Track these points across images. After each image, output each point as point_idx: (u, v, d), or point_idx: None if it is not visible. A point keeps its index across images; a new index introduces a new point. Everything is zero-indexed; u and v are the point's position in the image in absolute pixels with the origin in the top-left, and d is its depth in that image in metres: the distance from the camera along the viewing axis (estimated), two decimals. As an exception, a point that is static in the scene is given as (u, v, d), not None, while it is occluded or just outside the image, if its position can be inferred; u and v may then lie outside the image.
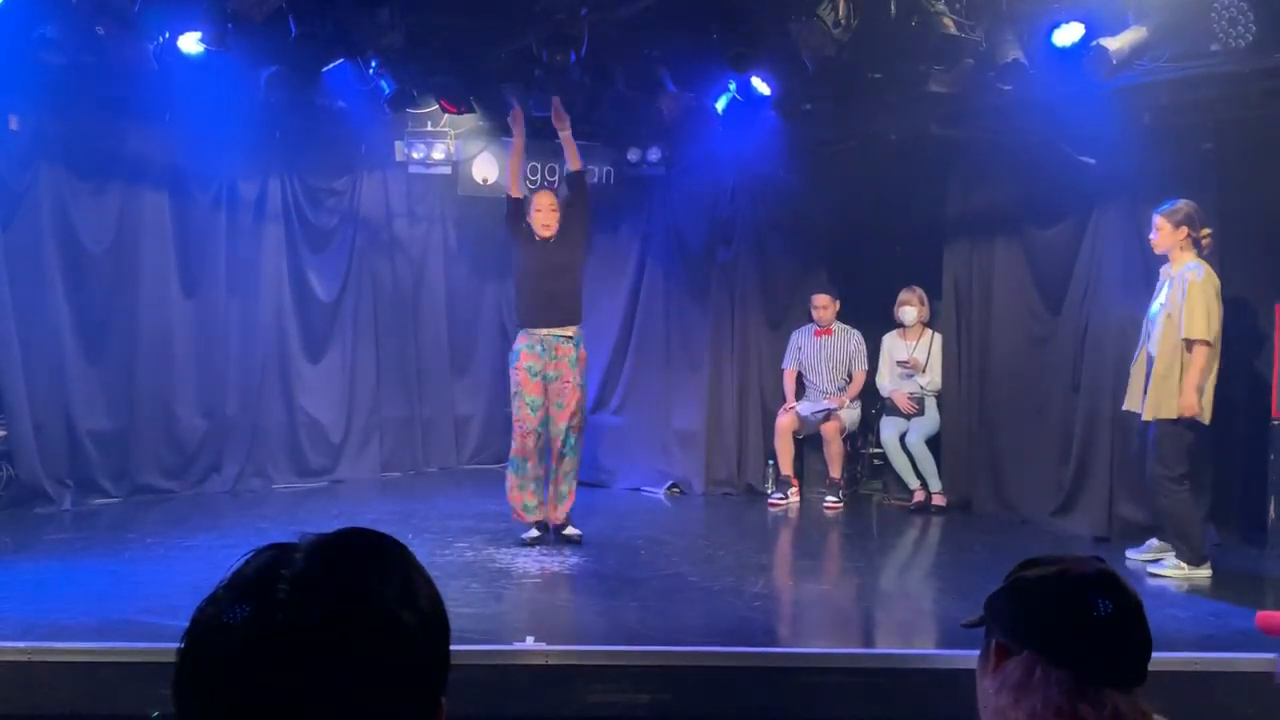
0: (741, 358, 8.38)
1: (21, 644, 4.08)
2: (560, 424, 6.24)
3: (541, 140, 8.36)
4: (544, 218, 6.31)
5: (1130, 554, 6.02)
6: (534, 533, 6.26)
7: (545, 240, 6.32)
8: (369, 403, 8.55)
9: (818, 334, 8.13)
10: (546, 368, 6.24)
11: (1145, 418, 5.69)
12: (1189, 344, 5.57)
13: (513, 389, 6.33)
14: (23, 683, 3.97)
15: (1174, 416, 5.57)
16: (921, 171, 7.73)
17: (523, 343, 6.29)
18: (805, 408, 7.98)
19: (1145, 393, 5.74)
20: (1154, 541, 5.98)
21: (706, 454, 8.27)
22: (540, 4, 6.28)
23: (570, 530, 6.33)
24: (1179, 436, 5.59)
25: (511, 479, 6.29)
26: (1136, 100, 6.20)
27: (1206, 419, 5.63)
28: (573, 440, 6.28)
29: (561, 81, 6.80)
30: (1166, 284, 5.77)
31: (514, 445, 6.29)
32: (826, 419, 7.88)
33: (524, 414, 6.23)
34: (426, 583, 1.00)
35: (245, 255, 7.92)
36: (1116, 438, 6.51)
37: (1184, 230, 5.69)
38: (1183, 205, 5.72)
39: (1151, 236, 5.81)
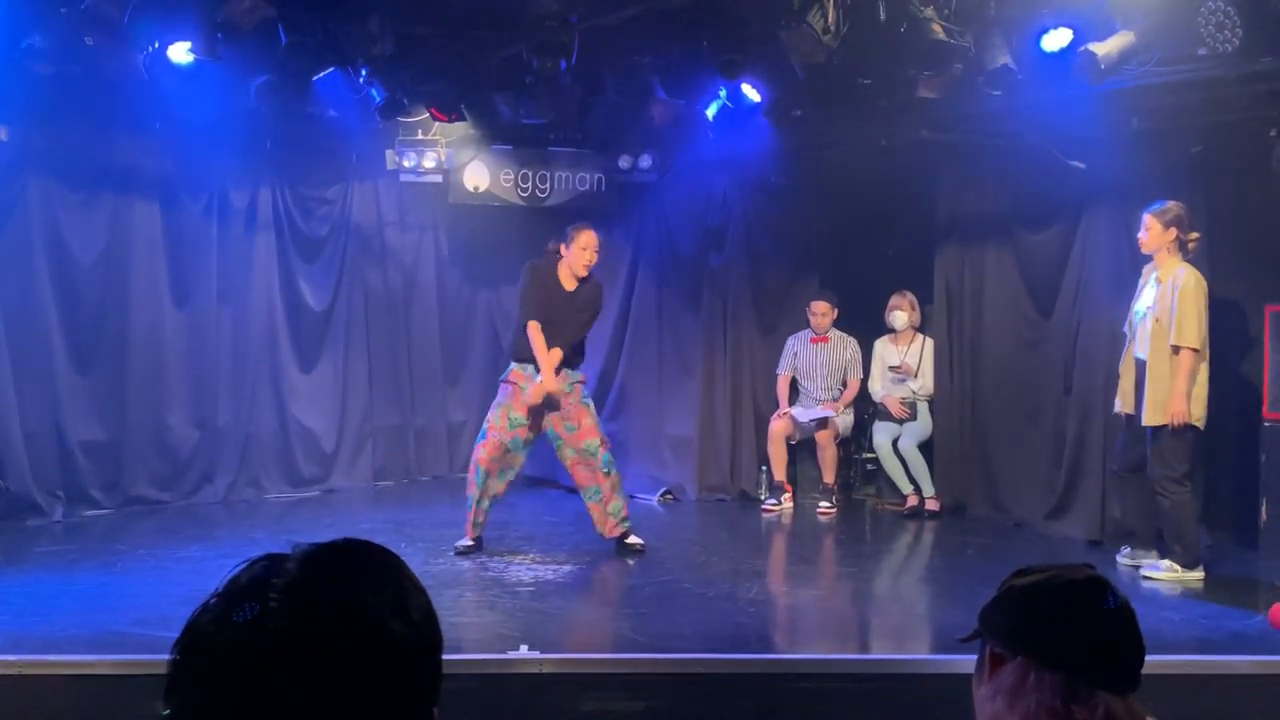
0: (734, 363, 8.39)
1: (13, 657, 4.05)
2: (585, 441, 6.06)
3: (534, 148, 8.39)
4: (588, 257, 6.10)
5: (1120, 557, 6.04)
6: (469, 543, 6.12)
7: (573, 289, 6.14)
8: (361, 411, 8.53)
9: (814, 341, 8.13)
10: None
11: (1145, 423, 5.70)
12: (1177, 350, 5.59)
13: (499, 399, 6.14)
14: (14, 695, 3.94)
15: (1167, 422, 5.59)
16: (912, 176, 7.75)
17: (520, 365, 6.11)
18: (800, 413, 7.99)
19: (1139, 396, 5.76)
20: (1129, 548, 6.00)
21: (699, 460, 8.27)
22: (530, 12, 6.28)
23: (632, 540, 6.20)
24: (1179, 437, 5.60)
25: (475, 493, 6.07)
26: (1125, 104, 6.23)
27: (1200, 423, 5.64)
28: (607, 456, 6.11)
29: (552, 89, 6.81)
30: (1153, 286, 5.79)
31: (481, 454, 6.01)
32: (821, 425, 7.89)
33: (501, 423, 6.03)
34: (419, 593, 1.00)
35: (236, 265, 7.90)
36: (1109, 440, 6.53)
37: (1173, 231, 5.71)
38: (1173, 206, 5.75)
39: (1140, 235, 5.84)
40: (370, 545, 1.01)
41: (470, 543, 6.16)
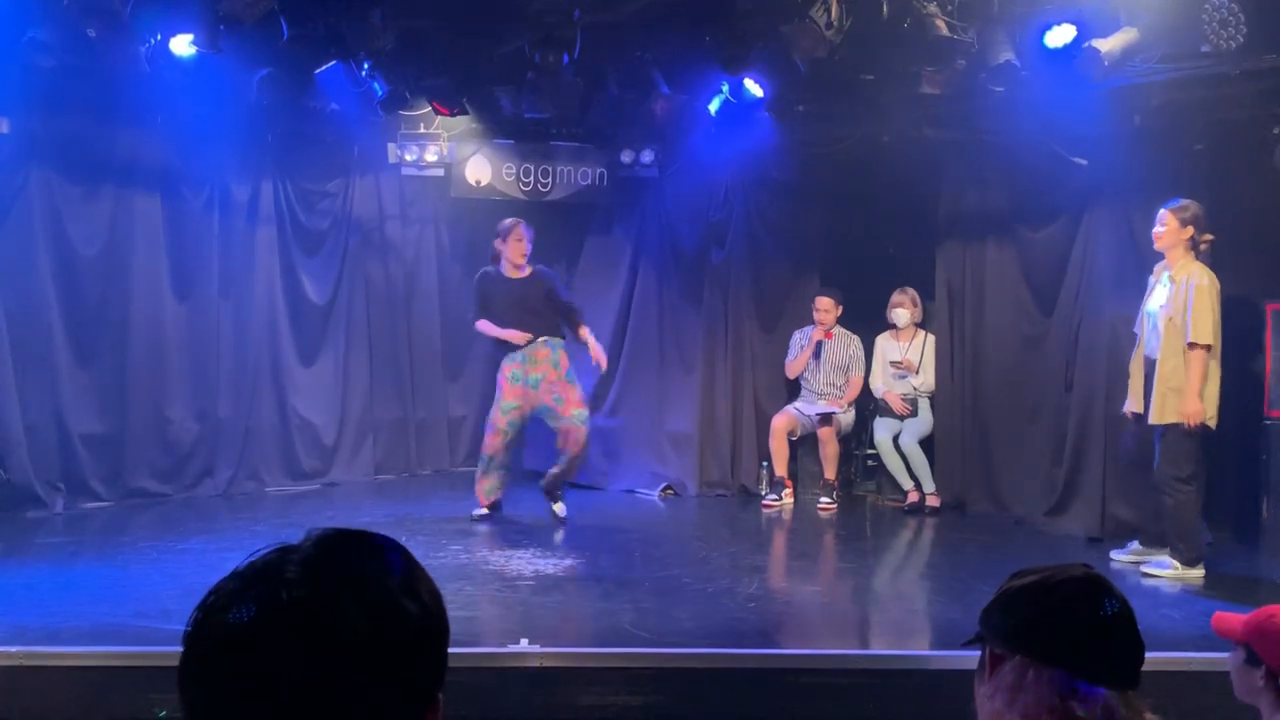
0: (735, 359, 8.38)
1: (13, 648, 4.05)
2: (573, 411, 6.73)
3: (536, 142, 8.38)
4: (522, 249, 6.74)
5: (1115, 555, 6.03)
6: (483, 512, 6.85)
7: (518, 279, 6.80)
8: (362, 405, 8.53)
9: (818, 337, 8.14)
10: (528, 373, 6.73)
11: (1152, 421, 5.69)
12: (1192, 347, 5.58)
13: (496, 395, 6.86)
14: (14, 687, 3.95)
15: (1178, 421, 5.58)
16: (914, 173, 7.73)
17: (506, 357, 6.85)
18: (803, 407, 7.99)
19: (1148, 396, 5.74)
20: (1135, 544, 5.99)
21: (700, 455, 8.27)
22: (533, 6, 6.28)
23: (559, 506, 6.94)
24: (1187, 438, 5.59)
25: (479, 472, 6.91)
26: (1128, 101, 6.23)
27: (1213, 423, 5.63)
28: (584, 414, 6.83)
29: (554, 83, 6.80)
30: (1166, 285, 5.76)
31: (485, 443, 6.86)
32: (824, 420, 7.89)
33: (496, 415, 6.78)
34: (427, 578, 1.03)
35: (237, 258, 7.89)
36: (1109, 438, 6.53)
37: (1189, 230, 5.69)
38: (1191, 205, 5.73)
39: (1156, 230, 5.80)
40: (378, 535, 1.05)
41: (485, 512, 6.85)
